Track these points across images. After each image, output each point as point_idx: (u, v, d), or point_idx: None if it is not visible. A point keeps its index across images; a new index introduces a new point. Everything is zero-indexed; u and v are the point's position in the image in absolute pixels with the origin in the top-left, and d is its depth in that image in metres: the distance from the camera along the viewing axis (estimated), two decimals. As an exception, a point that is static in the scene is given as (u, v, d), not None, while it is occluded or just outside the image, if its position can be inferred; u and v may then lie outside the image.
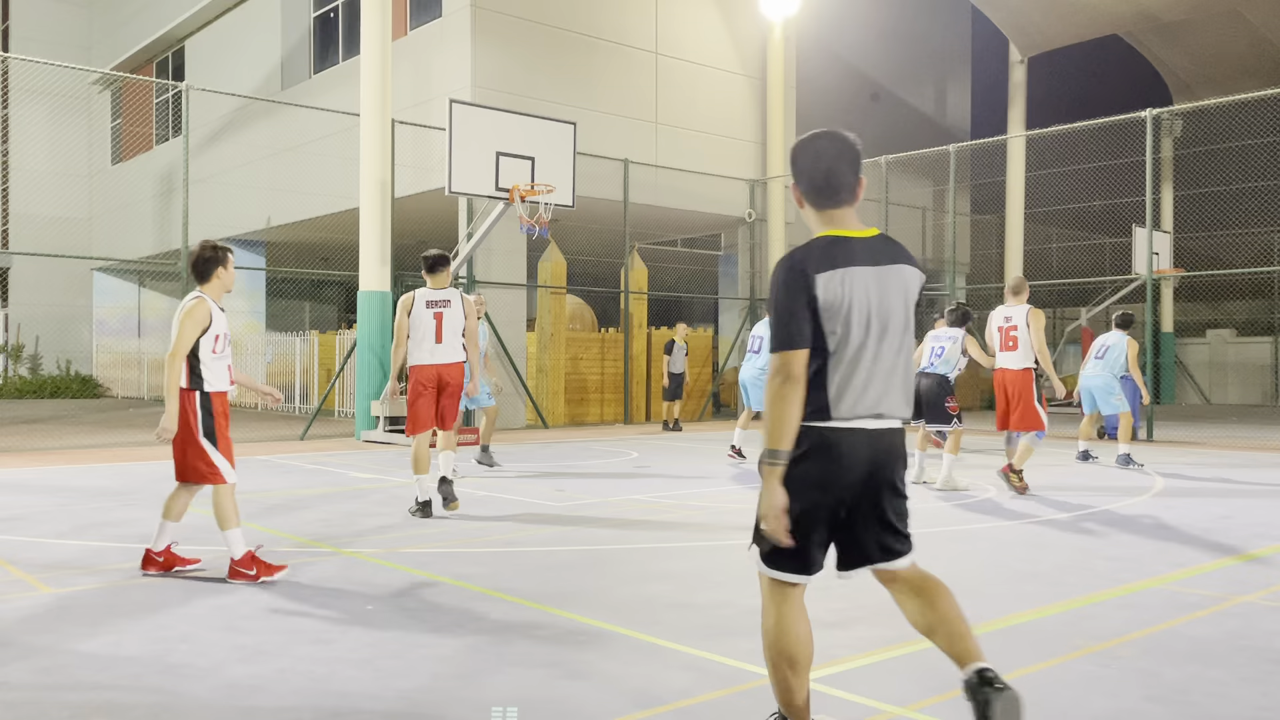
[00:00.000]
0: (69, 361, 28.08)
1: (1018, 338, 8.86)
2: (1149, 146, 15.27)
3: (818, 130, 3.02)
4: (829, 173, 2.94)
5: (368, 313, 14.28)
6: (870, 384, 2.84)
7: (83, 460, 11.49)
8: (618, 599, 5.04)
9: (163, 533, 5.53)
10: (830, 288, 2.79)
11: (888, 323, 2.87)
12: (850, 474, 2.84)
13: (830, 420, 2.82)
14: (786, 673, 2.91)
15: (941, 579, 3.09)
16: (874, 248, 2.92)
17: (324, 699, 3.57)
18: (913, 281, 2.96)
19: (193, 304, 5.36)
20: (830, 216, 2.97)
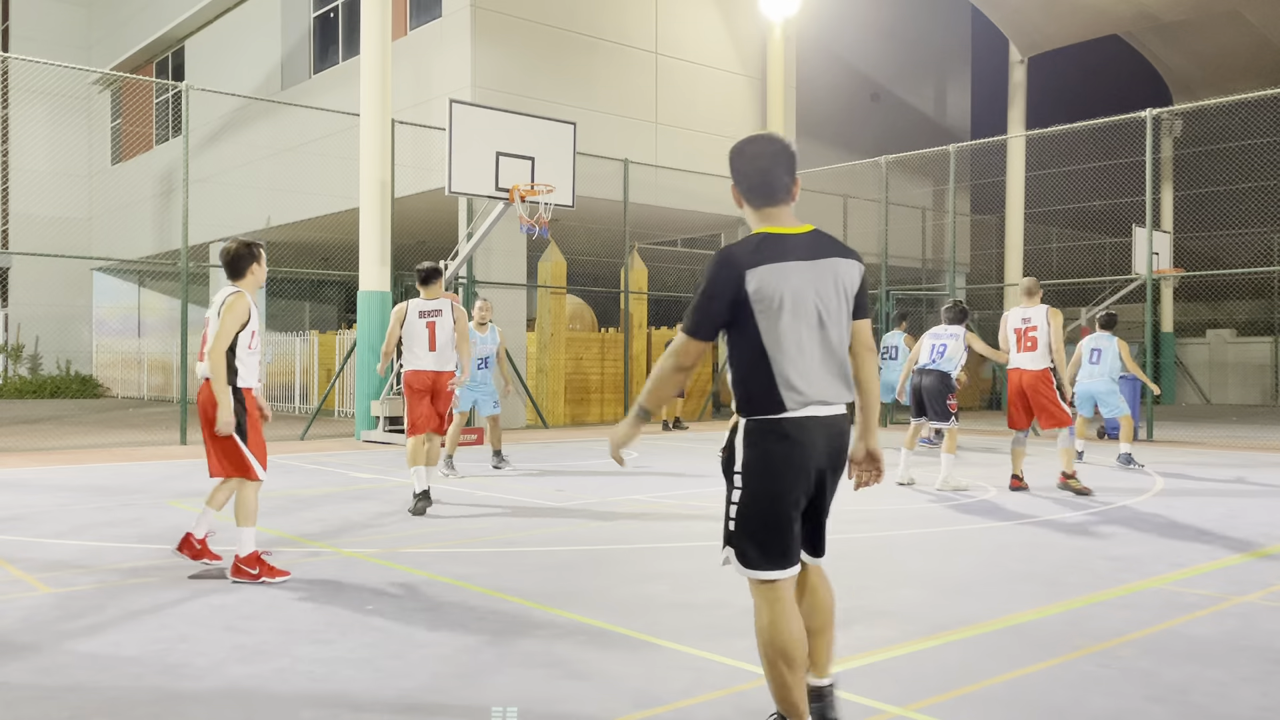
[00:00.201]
0: (69, 361, 28.08)
1: (1037, 338, 8.88)
2: (1149, 146, 15.28)
3: (753, 134, 3.15)
4: (764, 174, 3.06)
5: (368, 313, 14.27)
6: (813, 373, 2.95)
7: (83, 460, 11.49)
8: (618, 599, 5.04)
9: (204, 520, 5.60)
10: (764, 282, 2.90)
11: (823, 314, 2.97)
12: (810, 460, 2.95)
13: (785, 411, 2.93)
14: (783, 670, 2.95)
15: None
16: (808, 243, 3.02)
17: (324, 699, 3.57)
18: (848, 273, 3.04)
19: (233, 298, 5.41)
20: (766, 215, 3.07)
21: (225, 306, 5.38)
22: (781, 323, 2.92)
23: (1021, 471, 9.21)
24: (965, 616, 4.72)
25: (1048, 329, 8.86)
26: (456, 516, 7.63)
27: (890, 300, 19.18)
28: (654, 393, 3.06)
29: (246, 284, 5.53)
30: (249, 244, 5.56)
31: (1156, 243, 17.67)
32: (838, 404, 3.01)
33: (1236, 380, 27.84)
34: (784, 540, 2.96)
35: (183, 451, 12.61)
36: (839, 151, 23.92)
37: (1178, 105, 22.34)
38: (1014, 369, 9.04)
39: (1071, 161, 23.68)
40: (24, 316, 28.15)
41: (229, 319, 5.35)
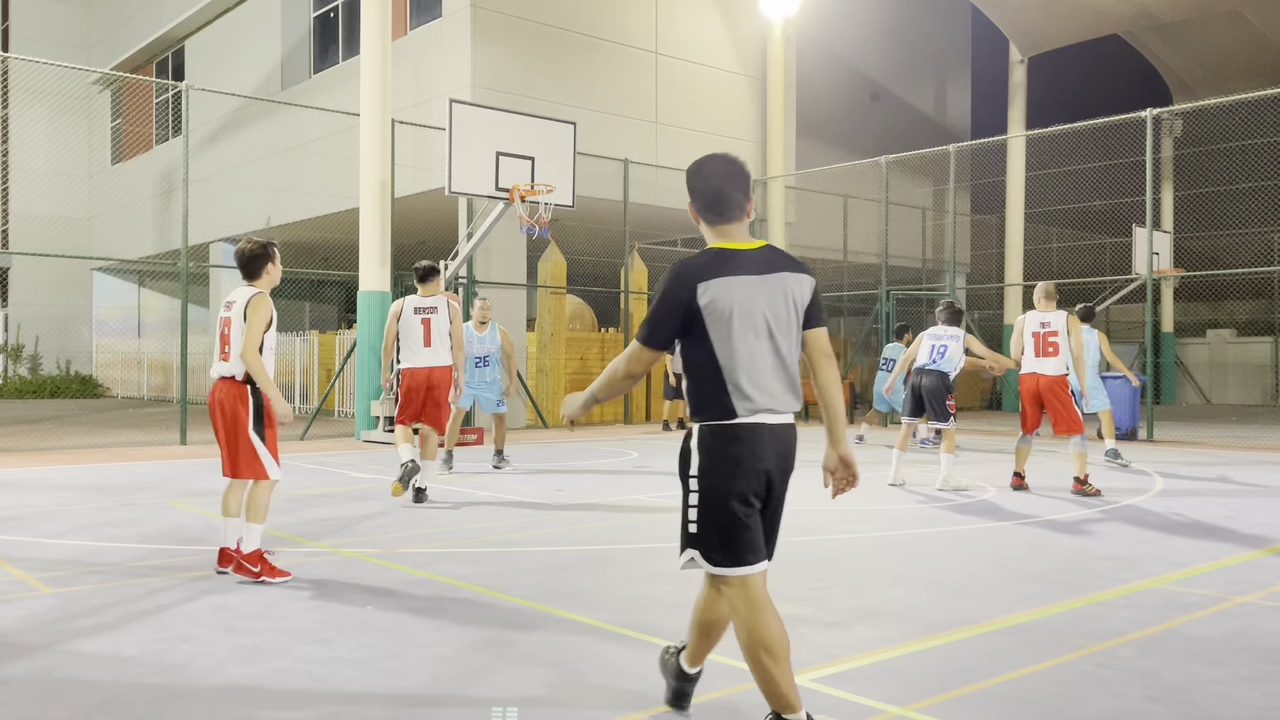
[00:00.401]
0: (69, 361, 28.09)
1: (1058, 344, 8.86)
2: (1149, 146, 15.27)
3: (710, 154, 3.26)
4: (718, 192, 3.17)
5: (368, 313, 14.27)
6: (763, 382, 3.06)
7: (83, 460, 11.49)
8: (618, 599, 5.04)
9: (230, 529, 5.56)
10: (715, 295, 3.03)
11: (773, 326, 3.09)
12: (760, 463, 3.06)
13: (737, 417, 3.05)
14: (767, 663, 3.02)
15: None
16: (759, 258, 3.13)
17: (324, 699, 3.57)
18: (798, 286, 3.15)
19: (256, 298, 5.44)
20: (721, 231, 3.19)
21: (251, 307, 5.40)
22: (733, 333, 3.04)
23: (1024, 470, 9.23)
24: (965, 616, 4.72)
25: (1068, 335, 8.87)
26: (456, 516, 7.64)
27: (890, 300, 19.16)
28: (605, 388, 3.26)
29: (261, 284, 5.56)
30: (264, 244, 5.58)
31: (1157, 243, 17.67)
32: (786, 413, 3.14)
33: (1236, 380, 27.84)
34: (747, 537, 3.06)
35: (183, 451, 12.61)
36: (839, 151, 23.92)
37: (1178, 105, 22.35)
38: (1030, 373, 9.00)
39: (1071, 161, 23.68)
40: (24, 316, 28.15)
41: (258, 318, 5.38)
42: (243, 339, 5.37)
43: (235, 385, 5.42)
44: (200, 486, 9.34)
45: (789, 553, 6.28)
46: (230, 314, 5.49)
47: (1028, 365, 9.03)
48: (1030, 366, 9.01)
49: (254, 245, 5.55)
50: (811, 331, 3.20)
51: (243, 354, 5.35)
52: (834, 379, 3.22)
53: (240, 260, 5.55)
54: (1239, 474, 10.77)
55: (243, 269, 5.56)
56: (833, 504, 8.44)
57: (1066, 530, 7.13)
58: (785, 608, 4.86)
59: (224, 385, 5.45)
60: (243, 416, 5.39)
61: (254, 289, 5.52)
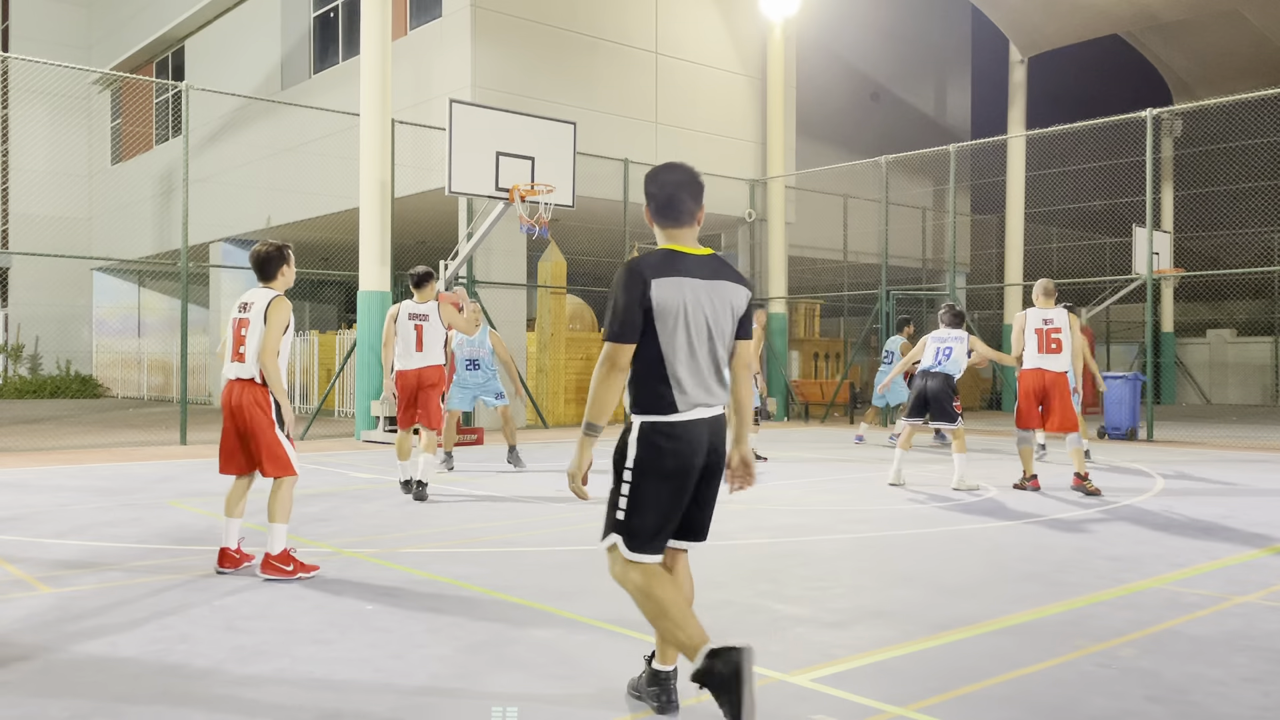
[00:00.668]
0: (69, 361, 28.08)
1: (1061, 340, 8.90)
2: (1149, 146, 15.27)
3: (667, 163, 3.43)
4: (671, 198, 3.36)
5: (368, 313, 14.27)
6: (701, 379, 3.27)
7: (83, 460, 11.49)
8: (618, 599, 5.03)
9: (232, 530, 5.58)
10: (666, 293, 3.20)
11: (713, 329, 3.29)
12: (697, 456, 3.27)
13: (678, 413, 3.24)
14: (667, 623, 3.22)
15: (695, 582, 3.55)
16: (707, 264, 3.33)
17: (324, 699, 3.57)
18: (737, 296, 3.37)
19: (276, 301, 5.47)
20: (672, 235, 3.37)
21: (271, 309, 5.42)
22: (678, 332, 3.22)
23: (1035, 471, 9.28)
24: (965, 616, 4.72)
25: (1070, 332, 8.92)
26: (456, 516, 7.64)
27: (890, 300, 19.16)
28: (597, 405, 3.27)
29: (277, 286, 5.59)
30: (280, 246, 5.61)
31: (1157, 243, 17.67)
32: (718, 406, 3.34)
33: (1236, 380, 27.83)
34: (667, 530, 3.30)
35: (183, 451, 12.61)
36: (839, 151, 23.92)
37: (1178, 105, 22.34)
38: (1035, 369, 9.02)
39: (1072, 161, 23.67)
40: (24, 316, 28.14)
41: (278, 320, 5.41)
42: (261, 341, 5.38)
43: (255, 388, 5.44)
44: (200, 487, 9.34)
45: (789, 552, 6.28)
46: (248, 315, 5.49)
47: (1031, 362, 9.06)
48: (1034, 363, 9.03)
49: (270, 247, 5.58)
50: (740, 342, 3.41)
51: (261, 356, 5.38)
52: (749, 389, 3.45)
53: (256, 262, 5.57)
54: (1239, 474, 10.77)
55: (258, 271, 5.58)
56: (833, 504, 8.44)
57: (1066, 530, 7.13)
58: (785, 608, 4.87)
59: (242, 387, 5.45)
60: (265, 418, 5.43)
61: (272, 291, 5.54)
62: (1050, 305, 9.11)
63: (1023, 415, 9.16)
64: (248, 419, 5.42)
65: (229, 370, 5.54)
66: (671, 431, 3.23)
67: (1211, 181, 25.15)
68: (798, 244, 22.01)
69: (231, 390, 5.48)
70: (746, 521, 7.47)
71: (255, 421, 5.42)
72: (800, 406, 20.55)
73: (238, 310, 5.59)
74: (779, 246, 20.57)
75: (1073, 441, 8.99)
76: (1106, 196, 22.68)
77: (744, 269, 21.29)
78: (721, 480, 3.40)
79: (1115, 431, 15.25)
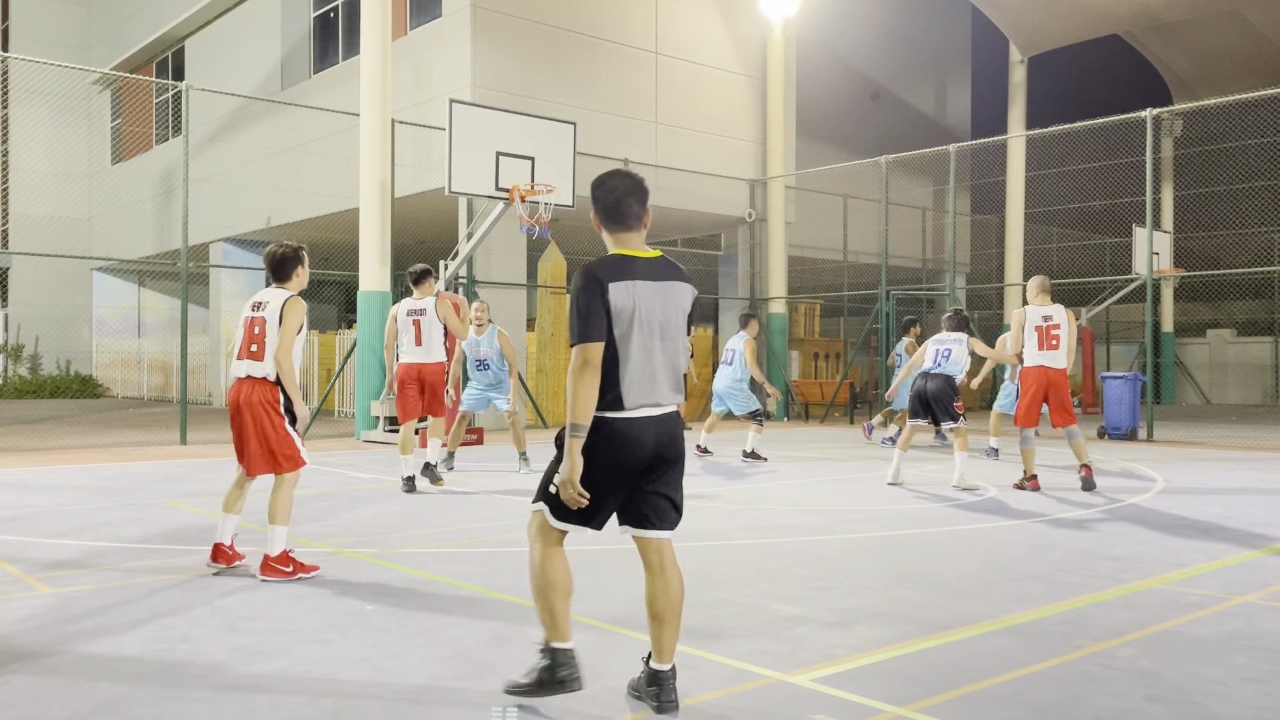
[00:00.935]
0: (69, 361, 28.08)
1: (1060, 337, 8.96)
2: (1149, 146, 15.27)
3: (613, 170, 3.59)
4: (618, 203, 3.49)
5: (368, 313, 14.28)
6: (652, 378, 3.40)
7: (83, 460, 11.49)
8: (618, 598, 5.04)
9: (227, 526, 5.58)
10: (620, 295, 3.34)
11: (666, 328, 3.44)
12: (640, 452, 3.39)
13: (623, 410, 3.36)
14: (552, 597, 3.45)
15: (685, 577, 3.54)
16: (655, 266, 3.48)
17: (324, 699, 3.57)
18: (686, 296, 3.54)
19: (292, 300, 5.49)
20: (620, 239, 3.52)
21: (287, 309, 5.45)
22: (631, 334, 3.35)
23: (1035, 470, 9.33)
24: (965, 616, 4.73)
25: (1069, 328, 8.99)
26: (456, 516, 7.64)
27: (890, 300, 19.16)
28: (578, 406, 3.32)
29: (291, 286, 5.62)
30: (295, 247, 5.65)
31: (1156, 243, 17.66)
32: (669, 405, 3.48)
33: (1236, 380, 27.82)
34: (595, 514, 3.42)
35: (183, 451, 12.61)
36: (839, 151, 23.92)
37: (1178, 105, 22.34)
38: (1038, 366, 9.07)
39: (1072, 161, 23.67)
40: (24, 316, 28.14)
41: (294, 319, 5.45)
42: (277, 340, 5.41)
43: (268, 386, 5.45)
44: (200, 487, 9.34)
45: (790, 552, 6.28)
46: (263, 314, 5.50)
47: (1034, 359, 9.09)
48: (1037, 360, 9.08)
49: (285, 248, 5.61)
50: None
51: (277, 354, 5.41)
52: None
53: (271, 262, 5.60)
54: (1239, 474, 10.77)
55: (272, 271, 5.61)
56: (833, 504, 8.44)
57: (1066, 530, 7.13)
58: (785, 608, 4.87)
59: (252, 385, 5.46)
60: (277, 416, 5.45)
61: (287, 291, 5.56)
62: (1047, 302, 9.17)
63: (1026, 414, 9.18)
64: (259, 417, 5.42)
65: (238, 368, 5.53)
66: (613, 428, 3.36)
67: (1211, 181, 25.15)
68: (798, 244, 22.00)
69: (240, 388, 5.48)
70: (746, 521, 7.48)
71: (266, 420, 5.43)
72: (800, 406, 20.55)
73: (249, 309, 5.60)
74: (779, 246, 20.57)
75: (1074, 435, 9.10)
76: (1106, 196, 22.68)
77: (744, 269, 21.30)
78: (681, 472, 3.52)
79: (1115, 431, 15.25)
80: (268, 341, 5.44)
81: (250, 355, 5.49)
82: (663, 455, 3.44)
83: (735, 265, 21.50)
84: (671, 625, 3.48)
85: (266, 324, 5.46)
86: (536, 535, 3.52)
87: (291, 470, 5.51)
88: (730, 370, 11.84)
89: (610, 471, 3.37)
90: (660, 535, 3.50)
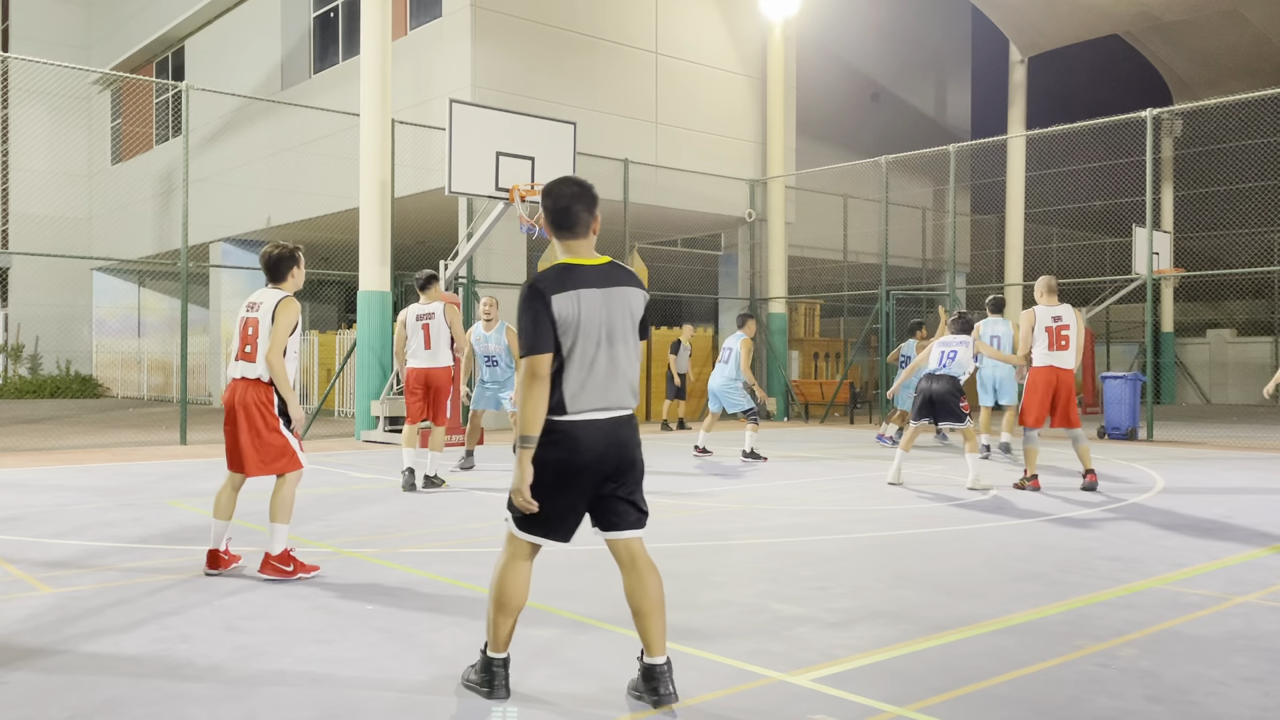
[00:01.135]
0: (69, 361, 28.08)
1: (1069, 337, 8.97)
2: (1149, 146, 15.27)
3: (563, 177, 3.65)
4: (566, 210, 3.55)
5: (368, 313, 14.28)
6: (600, 384, 3.46)
7: (83, 460, 11.49)
8: (618, 598, 5.02)
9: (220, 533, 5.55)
10: (563, 306, 3.40)
11: (614, 333, 3.49)
12: (590, 456, 3.44)
13: (568, 415, 3.42)
14: (497, 611, 3.54)
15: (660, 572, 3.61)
16: (603, 273, 3.53)
17: (324, 699, 3.58)
18: (636, 300, 3.58)
19: (285, 301, 5.48)
20: (569, 246, 3.58)
21: (279, 309, 5.44)
22: (577, 341, 3.42)
23: (1036, 470, 9.35)
24: (965, 616, 4.73)
25: (1077, 328, 9.01)
26: (457, 516, 7.64)
27: (890, 300, 19.16)
28: (527, 418, 3.41)
29: (286, 287, 5.61)
30: (291, 247, 5.64)
31: (1156, 243, 17.66)
32: (620, 410, 3.51)
33: (1236, 380, 27.82)
34: (555, 522, 3.48)
35: (183, 451, 12.61)
36: (839, 151, 23.92)
37: (1178, 105, 22.33)
38: (1048, 366, 9.04)
39: (1072, 161, 23.67)
40: (24, 316, 28.14)
41: (286, 320, 5.43)
42: (269, 341, 5.40)
43: (262, 388, 5.44)
44: (200, 486, 9.33)
45: (789, 552, 6.29)
46: (257, 315, 5.49)
47: (1043, 359, 9.07)
48: (1047, 360, 9.06)
49: (280, 249, 5.61)
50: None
51: (267, 356, 5.39)
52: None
53: (266, 263, 5.60)
54: (1239, 474, 10.77)
55: (268, 272, 5.60)
56: (833, 504, 8.44)
57: (1067, 530, 7.13)
58: (785, 608, 4.87)
59: (246, 386, 5.45)
60: (270, 418, 5.43)
61: (281, 292, 5.55)
62: (1055, 302, 9.18)
63: (1032, 414, 9.16)
64: (253, 418, 5.41)
65: (233, 369, 5.53)
66: (566, 430, 3.42)
67: (1211, 181, 25.14)
68: (798, 244, 22.00)
69: (235, 389, 5.48)
70: (746, 521, 7.48)
71: (260, 421, 5.42)
72: (800, 406, 20.55)
73: (245, 310, 5.60)
74: (779, 246, 20.57)
75: (1079, 439, 9.11)
76: (1106, 196, 22.67)
77: (744, 269, 21.30)
78: (639, 474, 3.56)
79: (1115, 431, 15.25)
80: (260, 342, 5.44)
81: (244, 356, 5.48)
82: (619, 459, 3.48)
83: (735, 265, 21.51)
84: (655, 618, 3.51)
85: (259, 324, 5.46)
86: (505, 544, 3.59)
87: (289, 472, 5.50)
88: (725, 369, 11.89)
89: (563, 476, 3.42)
90: (625, 536, 3.55)
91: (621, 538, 3.55)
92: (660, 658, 3.51)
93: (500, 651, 3.57)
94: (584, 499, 3.49)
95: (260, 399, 5.42)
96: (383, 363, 14.33)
